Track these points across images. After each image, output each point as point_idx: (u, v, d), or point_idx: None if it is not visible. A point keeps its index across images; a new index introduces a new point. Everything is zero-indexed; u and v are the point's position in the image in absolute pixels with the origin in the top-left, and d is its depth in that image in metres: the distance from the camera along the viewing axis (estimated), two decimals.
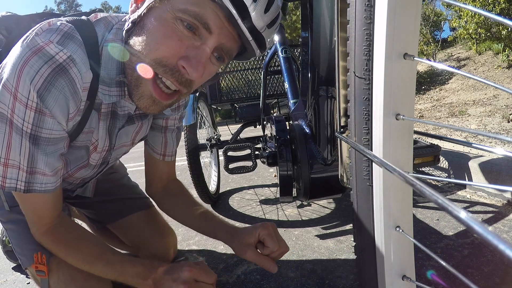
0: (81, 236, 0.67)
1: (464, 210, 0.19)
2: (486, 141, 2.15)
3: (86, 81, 0.55)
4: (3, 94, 0.51)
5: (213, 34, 0.51)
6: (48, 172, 0.58)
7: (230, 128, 1.99)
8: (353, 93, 0.41)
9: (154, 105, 0.57)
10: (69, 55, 0.51)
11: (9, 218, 0.74)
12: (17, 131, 0.53)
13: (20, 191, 0.56)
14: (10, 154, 0.54)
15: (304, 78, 0.86)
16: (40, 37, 0.50)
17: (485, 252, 0.88)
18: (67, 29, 0.53)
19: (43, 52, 0.49)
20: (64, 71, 0.51)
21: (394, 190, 0.40)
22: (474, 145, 0.33)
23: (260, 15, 0.51)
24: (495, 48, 5.92)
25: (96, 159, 0.72)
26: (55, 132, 0.55)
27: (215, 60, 0.56)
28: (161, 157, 0.85)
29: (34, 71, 0.49)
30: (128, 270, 0.62)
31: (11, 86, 0.50)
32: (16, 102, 0.50)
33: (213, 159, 1.90)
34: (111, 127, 0.68)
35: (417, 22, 0.35)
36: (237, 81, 1.88)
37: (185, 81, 0.54)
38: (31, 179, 0.56)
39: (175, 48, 0.51)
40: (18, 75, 0.49)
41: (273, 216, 1.36)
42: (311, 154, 0.80)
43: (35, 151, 0.55)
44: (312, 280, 0.84)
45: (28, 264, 0.68)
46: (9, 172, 0.55)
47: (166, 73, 0.52)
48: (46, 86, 0.50)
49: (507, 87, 0.24)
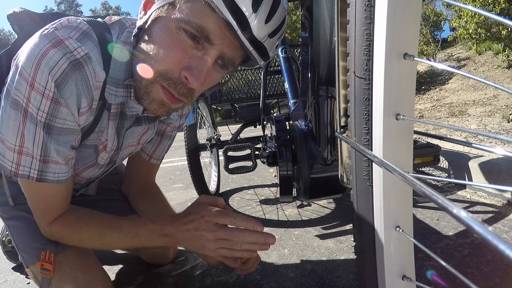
0: (88, 212, 0.68)
1: (464, 210, 0.19)
2: (486, 141, 2.15)
3: (99, 80, 0.57)
4: (19, 82, 0.51)
5: (214, 45, 0.52)
6: (61, 161, 0.59)
7: (230, 128, 1.99)
8: (353, 93, 0.41)
9: (163, 107, 0.58)
10: (86, 52, 0.53)
11: (12, 215, 0.73)
12: (31, 120, 0.53)
13: (32, 179, 0.57)
14: (25, 142, 0.55)
15: (304, 78, 0.86)
16: (60, 32, 0.52)
17: (485, 252, 0.88)
18: (85, 28, 0.55)
19: (63, 46, 0.51)
20: (80, 67, 0.53)
21: (394, 190, 0.40)
22: (474, 145, 0.33)
23: (261, 26, 0.51)
24: (495, 48, 5.92)
25: (104, 158, 0.73)
26: (68, 122, 0.56)
27: (219, 67, 0.57)
28: (147, 158, 0.86)
29: (53, 62, 0.50)
30: (141, 232, 0.63)
31: (28, 75, 0.50)
32: (33, 91, 0.51)
33: (213, 159, 1.90)
34: (119, 127, 0.69)
35: (417, 22, 0.35)
36: (237, 81, 1.88)
37: (187, 91, 0.55)
38: (44, 167, 0.57)
39: (179, 59, 0.52)
40: (37, 65, 0.50)
41: (273, 216, 1.36)
42: (311, 154, 0.80)
43: (48, 140, 0.55)
44: (312, 280, 0.84)
45: (31, 262, 0.68)
46: (22, 159, 0.56)
47: (170, 86, 0.54)
48: (64, 77, 0.52)
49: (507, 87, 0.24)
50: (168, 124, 0.83)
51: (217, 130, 1.81)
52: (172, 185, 2.21)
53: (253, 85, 1.88)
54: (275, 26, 0.54)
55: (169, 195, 1.91)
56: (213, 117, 1.83)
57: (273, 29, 0.54)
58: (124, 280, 0.92)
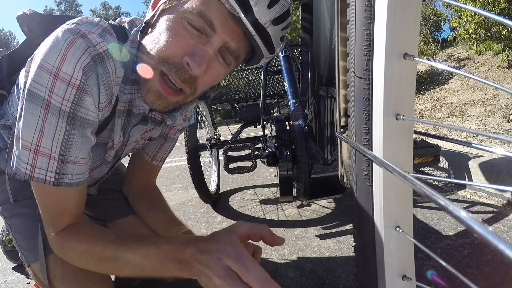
0: (97, 228, 0.64)
1: (464, 210, 0.19)
2: (486, 141, 2.15)
3: (119, 76, 0.57)
4: (40, 75, 0.50)
5: (217, 32, 0.53)
6: (81, 159, 0.57)
7: (230, 128, 1.99)
8: (353, 93, 0.41)
9: (160, 100, 0.57)
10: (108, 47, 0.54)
11: (14, 213, 0.73)
12: (53, 112, 0.52)
13: (49, 183, 0.54)
14: (42, 141, 0.52)
15: (304, 78, 0.86)
16: (82, 27, 0.52)
17: (485, 252, 0.88)
18: (106, 26, 0.56)
19: (87, 39, 0.51)
20: (102, 61, 0.53)
21: (394, 190, 0.40)
22: (474, 145, 0.33)
23: (263, 9, 0.52)
24: (495, 48, 5.92)
25: (111, 155, 0.73)
26: (90, 113, 0.55)
27: (223, 61, 0.57)
28: (150, 159, 0.86)
29: (81, 51, 0.50)
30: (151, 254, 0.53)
31: (52, 66, 0.50)
32: (57, 81, 0.50)
33: (213, 159, 1.90)
34: (126, 125, 0.69)
35: (417, 22, 0.35)
36: (237, 81, 1.88)
37: (188, 78, 0.54)
38: (62, 169, 0.55)
39: (181, 46, 0.52)
40: (63, 55, 0.50)
41: (273, 216, 1.36)
42: (311, 154, 0.80)
43: (72, 131, 0.54)
44: (312, 280, 0.84)
45: (32, 260, 0.68)
46: (39, 161, 0.53)
47: (170, 71, 0.53)
48: (91, 65, 0.52)
49: (507, 87, 0.24)
50: (171, 127, 0.83)
51: (217, 130, 1.81)
52: (172, 185, 2.21)
53: (253, 85, 1.88)
54: (278, 13, 0.55)
55: (169, 195, 1.91)
56: (213, 117, 1.83)
57: (276, 16, 0.55)
58: (125, 280, 0.92)
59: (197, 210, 1.55)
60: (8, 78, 0.75)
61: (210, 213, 1.50)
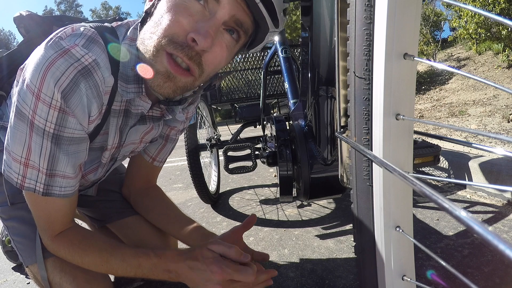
0: (92, 236, 0.67)
1: (464, 210, 0.19)
2: (486, 141, 2.15)
3: (108, 85, 0.56)
4: (26, 94, 0.51)
5: (221, 4, 0.52)
6: (69, 174, 0.58)
7: (230, 128, 1.99)
8: (353, 93, 0.41)
9: (169, 81, 0.54)
10: (94, 59, 0.52)
11: (11, 215, 0.73)
12: (37, 133, 0.53)
13: (38, 193, 0.56)
14: (30, 156, 0.54)
15: (304, 78, 0.86)
16: (65, 41, 0.51)
17: (485, 252, 0.88)
18: (90, 34, 0.54)
19: (69, 55, 0.50)
20: (89, 74, 0.52)
21: (394, 190, 0.40)
22: (474, 145, 0.33)
23: None
24: (495, 48, 5.92)
25: (106, 156, 0.72)
26: (77, 132, 0.56)
27: (229, 37, 0.55)
28: (150, 160, 0.86)
29: (60, 72, 0.50)
30: (144, 264, 0.61)
31: (34, 86, 0.50)
32: (39, 103, 0.51)
33: (213, 159, 1.90)
34: (123, 125, 0.68)
35: (417, 22, 0.35)
36: (237, 81, 1.88)
37: (195, 55, 0.53)
38: (50, 181, 0.56)
39: (185, 23, 0.51)
40: (43, 76, 0.49)
41: (273, 216, 1.36)
42: (311, 154, 0.80)
43: (56, 151, 0.55)
44: (312, 280, 0.84)
45: (30, 262, 0.68)
46: (28, 172, 0.55)
47: (176, 49, 0.51)
48: (71, 87, 0.51)
49: (507, 87, 0.24)
50: (172, 127, 0.83)
51: (217, 130, 1.81)
52: (172, 185, 2.22)
53: (253, 85, 1.88)
54: None
55: (169, 195, 1.89)
56: (213, 117, 1.83)
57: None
58: (124, 280, 0.92)
59: (197, 210, 1.55)
60: (7, 79, 0.74)
61: (210, 213, 1.50)
